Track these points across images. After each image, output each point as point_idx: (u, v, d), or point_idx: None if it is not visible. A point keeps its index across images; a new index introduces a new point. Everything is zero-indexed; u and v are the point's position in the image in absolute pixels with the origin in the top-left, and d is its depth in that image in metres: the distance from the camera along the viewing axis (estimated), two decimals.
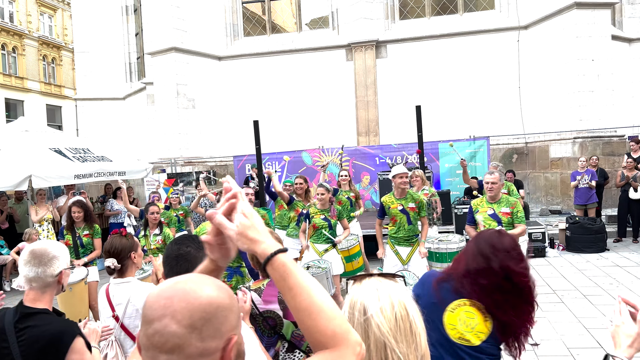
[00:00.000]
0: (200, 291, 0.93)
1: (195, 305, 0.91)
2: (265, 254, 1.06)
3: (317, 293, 1.05)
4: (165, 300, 0.91)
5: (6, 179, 7.82)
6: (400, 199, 5.58)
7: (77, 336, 2.00)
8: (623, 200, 9.59)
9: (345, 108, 14.06)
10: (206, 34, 14.74)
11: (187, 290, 0.93)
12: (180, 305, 0.90)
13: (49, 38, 32.01)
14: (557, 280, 7.13)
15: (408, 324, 1.14)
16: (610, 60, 11.86)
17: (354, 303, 1.17)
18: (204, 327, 0.90)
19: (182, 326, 0.89)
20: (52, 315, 2.06)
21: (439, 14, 14.06)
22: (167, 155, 14.02)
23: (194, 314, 0.90)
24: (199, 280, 0.97)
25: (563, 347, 4.73)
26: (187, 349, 0.89)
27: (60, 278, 2.12)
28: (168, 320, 0.89)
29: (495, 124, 12.48)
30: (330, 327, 1.02)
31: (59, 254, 2.12)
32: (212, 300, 0.93)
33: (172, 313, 0.90)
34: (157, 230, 5.97)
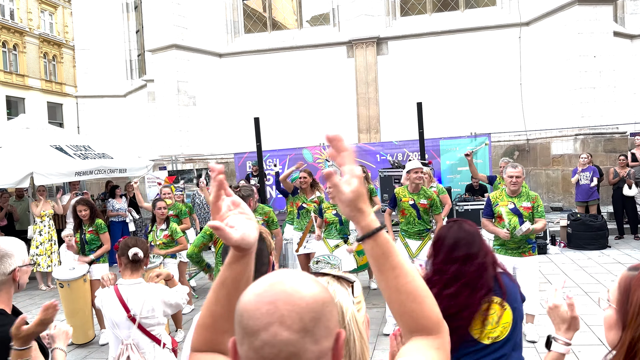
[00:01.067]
0: (302, 290, 0.84)
1: (303, 306, 0.81)
2: (371, 227, 1.01)
3: (419, 278, 1.01)
4: (268, 306, 0.81)
5: (8, 176, 7.83)
6: (413, 194, 5.58)
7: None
8: (617, 197, 9.59)
9: (346, 105, 14.04)
10: (207, 31, 14.71)
11: (289, 290, 0.83)
12: (286, 309, 0.80)
13: (50, 35, 32.00)
14: (558, 277, 7.12)
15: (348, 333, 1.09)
16: (612, 56, 11.82)
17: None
18: (316, 327, 0.81)
19: (294, 331, 0.79)
20: (7, 316, 1.97)
21: (440, 11, 14.02)
22: (167, 152, 14.02)
23: (304, 316, 0.81)
24: (294, 277, 0.87)
25: None
26: (303, 355, 0.80)
27: (15, 276, 2.01)
28: (277, 327, 0.79)
29: (496, 121, 12.46)
30: (436, 313, 0.99)
31: (11, 251, 2.02)
32: (318, 298, 0.84)
33: (279, 319, 0.80)
34: (163, 226, 6.00)
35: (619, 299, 1.31)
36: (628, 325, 1.24)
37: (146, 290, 2.96)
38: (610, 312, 1.34)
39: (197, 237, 4.52)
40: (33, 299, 7.90)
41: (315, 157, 11.38)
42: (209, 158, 14.23)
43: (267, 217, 5.46)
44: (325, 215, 5.84)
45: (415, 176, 5.54)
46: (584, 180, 9.50)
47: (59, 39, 32.66)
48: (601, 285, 6.60)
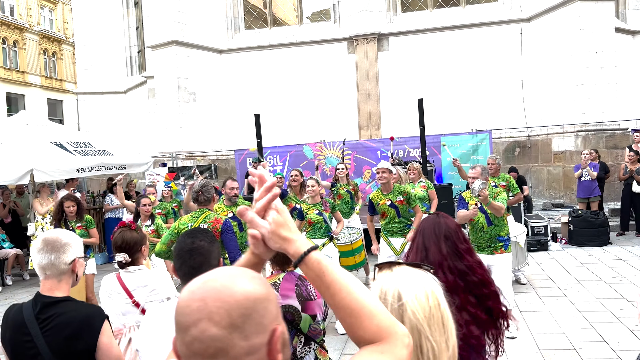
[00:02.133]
0: (233, 286, 0.86)
1: (232, 302, 0.83)
2: (299, 252, 1.02)
3: (357, 289, 1.01)
4: (198, 303, 0.84)
5: (8, 173, 7.82)
6: (387, 194, 5.60)
7: (105, 319, 2.01)
8: (626, 193, 9.56)
9: (346, 101, 14.01)
10: (207, 27, 14.67)
11: (219, 287, 0.85)
12: (215, 305, 0.83)
13: (50, 32, 31.94)
14: (559, 274, 7.12)
15: (440, 314, 1.14)
16: (614, 52, 11.78)
17: (387, 289, 1.16)
18: (245, 324, 0.84)
19: (221, 327, 0.82)
20: (76, 301, 2.05)
21: (441, 7, 13.97)
22: (168, 149, 14.00)
23: (232, 312, 0.83)
24: (230, 274, 0.90)
25: (566, 341, 4.72)
26: (231, 350, 0.82)
27: (74, 267, 2.08)
28: (205, 323, 0.82)
29: (497, 117, 12.42)
30: (375, 323, 0.99)
31: (71, 241, 2.09)
32: (249, 294, 0.85)
33: (208, 315, 0.82)
34: (148, 222, 6.02)
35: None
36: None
37: (149, 275, 2.98)
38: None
39: (165, 235, 4.54)
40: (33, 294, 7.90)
41: (316, 154, 11.35)
42: (210, 154, 14.22)
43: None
44: (309, 216, 5.79)
45: (378, 176, 5.61)
46: (585, 177, 9.49)
47: (59, 35, 32.61)
48: (602, 281, 6.59)
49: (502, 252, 5.01)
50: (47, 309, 1.95)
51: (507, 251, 5.06)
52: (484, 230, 4.98)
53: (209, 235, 2.08)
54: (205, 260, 1.98)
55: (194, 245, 2.00)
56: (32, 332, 1.89)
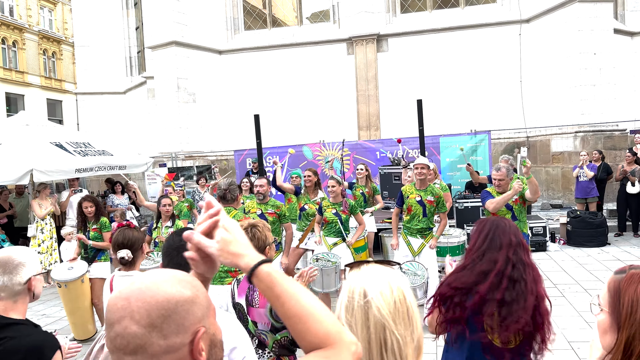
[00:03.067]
0: (157, 288, 0.92)
1: (152, 303, 0.90)
2: (249, 266, 1.05)
3: (305, 297, 1.04)
4: (123, 302, 0.91)
5: (7, 173, 7.82)
6: (419, 190, 5.60)
7: (57, 350, 1.91)
8: (621, 194, 9.59)
9: (346, 102, 14.03)
10: (207, 28, 14.69)
11: (144, 289, 0.92)
12: (137, 305, 0.90)
13: (49, 32, 31.92)
14: (558, 275, 7.14)
15: (405, 308, 1.17)
16: (613, 54, 11.81)
17: (354, 287, 1.19)
18: (164, 324, 0.90)
19: (141, 326, 0.89)
20: (30, 326, 1.95)
21: (441, 8, 14.00)
22: (167, 149, 14.01)
23: (152, 313, 0.89)
24: (158, 277, 0.96)
25: (564, 341, 4.74)
26: (149, 348, 0.89)
27: (30, 285, 1.98)
28: (127, 321, 0.89)
29: (496, 118, 12.44)
30: (323, 328, 1.02)
31: (25, 260, 1.98)
32: (170, 296, 0.92)
33: (130, 314, 0.89)
34: (169, 223, 5.99)
35: (610, 302, 1.35)
36: (622, 326, 1.27)
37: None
38: (603, 316, 1.38)
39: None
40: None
41: (315, 154, 11.36)
42: (209, 155, 14.23)
43: (279, 210, 5.55)
44: (325, 214, 5.83)
45: (417, 172, 5.60)
46: (583, 177, 9.51)
47: (59, 35, 32.59)
48: (601, 282, 6.61)
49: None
50: (1, 330, 1.87)
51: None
52: None
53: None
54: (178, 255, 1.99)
55: (182, 243, 1.99)
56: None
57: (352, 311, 1.16)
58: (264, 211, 5.55)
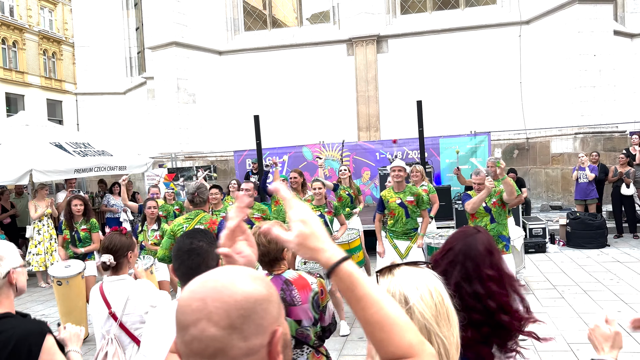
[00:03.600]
0: (233, 287, 0.86)
1: (231, 303, 0.84)
2: (329, 263, 1.00)
3: (388, 304, 1.00)
4: (198, 302, 0.84)
5: (7, 173, 7.83)
6: (398, 193, 5.61)
7: (47, 334, 1.87)
8: (615, 196, 9.59)
9: (346, 103, 14.03)
10: (207, 29, 14.69)
11: (219, 287, 0.85)
12: (214, 306, 0.83)
13: (50, 32, 31.93)
14: (557, 276, 7.14)
15: (445, 309, 1.17)
16: (612, 55, 11.82)
17: (393, 294, 1.17)
18: (245, 325, 0.84)
19: (220, 328, 0.82)
20: (16, 317, 1.92)
21: (441, 9, 14.01)
22: (167, 150, 14.01)
23: (232, 313, 0.83)
24: (231, 274, 0.89)
25: (563, 343, 4.74)
26: (230, 351, 0.82)
27: (10, 279, 1.93)
28: (205, 323, 0.82)
29: (496, 119, 12.45)
30: (406, 339, 0.97)
31: (4, 253, 1.95)
32: (249, 295, 0.86)
33: (207, 315, 0.83)
34: (155, 226, 5.99)
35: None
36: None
37: (129, 286, 2.87)
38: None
39: (164, 240, 4.57)
40: (32, 296, 7.91)
41: (315, 155, 11.37)
42: (209, 156, 14.23)
43: (265, 214, 5.56)
44: None
45: (393, 174, 5.63)
46: (583, 179, 9.51)
47: (59, 36, 32.61)
48: (600, 284, 6.61)
49: (503, 253, 5.02)
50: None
51: (508, 252, 5.08)
52: (487, 228, 5.00)
53: (208, 236, 2.07)
54: (203, 261, 1.97)
55: (192, 246, 2.00)
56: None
57: None
58: (250, 216, 5.54)
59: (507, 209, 5.22)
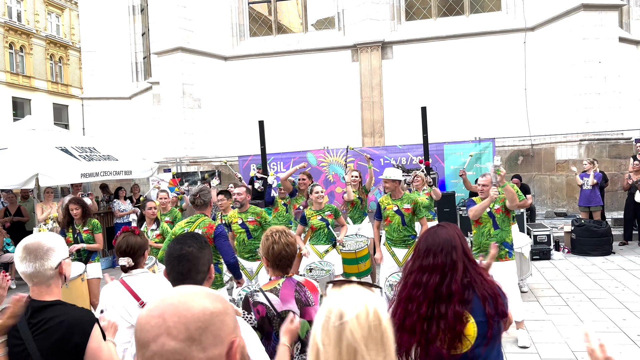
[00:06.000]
0: (190, 302, 0.90)
1: (189, 316, 0.88)
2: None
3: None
4: (156, 319, 0.88)
5: (13, 177, 7.87)
6: (395, 200, 5.60)
7: (95, 323, 1.98)
8: (629, 203, 9.54)
9: (350, 109, 14.06)
10: (212, 34, 14.77)
11: (176, 303, 0.90)
12: (173, 320, 0.87)
13: (56, 37, 32.19)
14: (562, 283, 7.11)
15: (380, 333, 1.16)
16: (618, 62, 11.80)
17: (332, 307, 1.19)
18: (203, 336, 0.87)
19: (179, 341, 0.86)
20: (66, 304, 2.02)
21: (445, 15, 14.04)
22: (172, 154, 14.07)
23: (190, 326, 0.87)
24: (187, 291, 0.94)
25: (568, 350, 4.72)
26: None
27: (61, 269, 2.05)
28: (164, 338, 0.86)
29: (501, 126, 12.45)
30: None
31: (54, 245, 2.05)
32: (205, 308, 0.90)
33: (166, 330, 0.86)
34: (154, 226, 6.04)
35: None
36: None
37: (154, 278, 2.98)
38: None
39: (165, 242, 4.65)
40: None
41: (319, 161, 11.38)
42: (214, 160, 14.27)
43: (260, 217, 5.56)
44: (312, 222, 5.82)
45: (385, 185, 5.69)
46: (587, 185, 9.48)
47: (66, 41, 32.85)
48: (605, 291, 6.58)
49: (506, 259, 5.01)
50: (37, 313, 1.94)
51: (511, 258, 5.07)
52: (490, 235, 4.99)
53: (199, 241, 2.07)
54: (193, 266, 1.98)
55: (182, 252, 2.00)
56: (24, 336, 1.88)
57: (327, 330, 1.15)
58: (245, 220, 5.58)
59: (511, 216, 5.21)
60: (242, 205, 5.65)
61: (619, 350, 4.65)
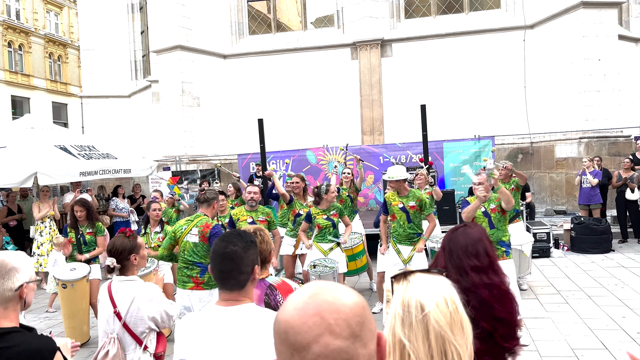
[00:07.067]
0: (342, 297, 0.85)
1: (347, 312, 0.83)
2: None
3: None
4: (314, 318, 0.82)
5: (12, 176, 7.85)
6: (401, 197, 5.59)
7: (56, 352, 1.88)
8: (620, 201, 9.56)
9: (349, 107, 14.05)
10: (211, 32, 14.75)
11: (330, 300, 0.84)
12: (333, 318, 0.81)
13: (55, 36, 32.13)
14: (561, 281, 7.11)
15: (459, 317, 1.17)
16: (617, 60, 11.79)
17: (408, 301, 1.17)
18: (363, 331, 0.83)
19: (344, 338, 0.80)
20: (23, 332, 1.89)
21: (445, 13, 14.02)
22: (171, 153, 14.06)
23: (351, 321, 0.82)
24: (329, 286, 0.88)
25: (567, 348, 4.72)
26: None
27: (22, 293, 1.89)
28: (327, 337, 0.80)
29: (500, 124, 12.44)
30: None
31: (19, 265, 1.90)
32: (358, 302, 0.86)
33: (328, 328, 0.80)
34: (158, 228, 6.01)
35: None
36: None
37: (138, 289, 2.89)
38: None
39: (165, 240, 4.67)
40: (36, 297, 7.92)
41: (319, 159, 11.39)
42: (213, 159, 14.27)
43: (269, 217, 5.58)
44: (317, 221, 5.83)
45: (389, 185, 5.70)
46: (585, 184, 9.49)
47: (64, 39, 32.79)
48: (605, 289, 6.58)
49: (504, 258, 4.99)
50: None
51: (509, 257, 5.06)
52: None
53: (245, 240, 2.02)
54: (235, 266, 1.93)
55: (226, 250, 1.96)
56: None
57: (410, 325, 1.14)
58: (255, 219, 5.59)
59: (507, 215, 5.20)
60: (255, 204, 5.67)
61: (618, 347, 4.65)
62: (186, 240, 4.44)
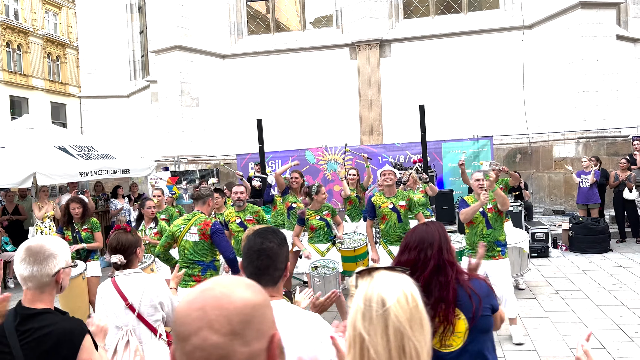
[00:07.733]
0: (232, 294, 0.87)
1: (231, 309, 0.84)
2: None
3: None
4: (197, 312, 0.84)
5: (11, 176, 7.85)
6: (390, 198, 5.61)
7: (86, 334, 1.93)
8: (617, 201, 9.58)
9: (348, 107, 14.06)
10: (210, 33, 14.76)
11: (218, 295, 0.86)
12: (215, 314, 0.84)
13: (54, 36, 32.09)
14: (560, 281, 7.12)
15: (419, 314, 1.18)
16: (615, 60, 11.82)
17: (370, 296, 1.19)
18: (246, 330, 0.85)
19: (222, 335, 0.83)
20: (56, 314, 1.95)
21: (443, 13, 14.04)
22: (170, 153, 14.06)
23: (232, 319, 0.84)
24: (227, 282, 0.91)
25: (565, 348, 4.73)
26: (233, 357, 0.83)
27: (58, 278, 1.96)
28: (206, 332, 0.83)
29: (499, 124, 12.46)
30: None
31: (56, 251, 1.96)
32: (247, 301, 0.87)
33: (208, 323, 0.83)
34: (152, 224, 6.05)
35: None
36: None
37: (144, 279, 2.96)
38: None
39: (163, 238, 4.70)
40: None
41: (318, 159, 11.39)
42: (212, 159, 14.27)
43: (257, 215, 5.60)
44: (311, 222, 5.81)
45: (383, 178, 5.67)
46: (585, 183, 9.50)
47: (63, 39, 32.76)
48: (603, 288, 6.60)
49: (500, 257, 5.00)
50: (26, 321, 1.86)
51: (504, 257, 5.07)
52: (483, 234, 4.99)
53: (279, 237, 2.02)
54: (271, 263, 1.93)
55: (263, 246, 1.94)
56: (11, 343, 1.81)
57: (370, 320, 1.15)
58: (243, 219, 5.61)
59: (503, 215, 5.22)
60: (243, 203, 5.67)
61: (616, 347, 4.66)
62: (185, 239, 4.45)
